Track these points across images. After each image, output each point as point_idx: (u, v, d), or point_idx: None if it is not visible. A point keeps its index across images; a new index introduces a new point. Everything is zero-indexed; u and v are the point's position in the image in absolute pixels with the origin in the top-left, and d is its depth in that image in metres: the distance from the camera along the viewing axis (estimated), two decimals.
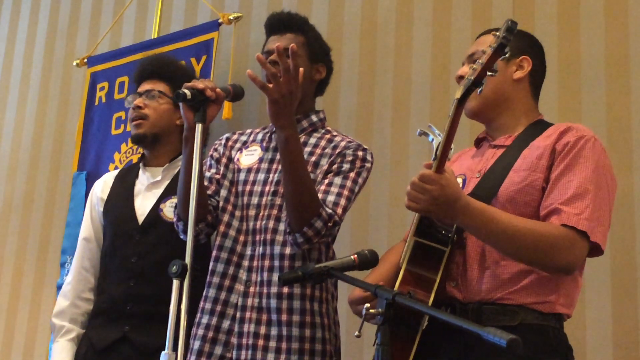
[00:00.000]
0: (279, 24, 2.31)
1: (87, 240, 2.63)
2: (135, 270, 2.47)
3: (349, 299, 2.09)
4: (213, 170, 2.29)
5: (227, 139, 2.38)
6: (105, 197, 2.65)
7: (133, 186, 2.61)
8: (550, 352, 1.83)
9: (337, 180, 2.15)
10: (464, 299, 1.89)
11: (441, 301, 1.89)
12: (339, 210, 2.09)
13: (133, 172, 2.67)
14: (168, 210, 2.51)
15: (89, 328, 2.53)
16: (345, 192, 2.13)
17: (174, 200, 2.50)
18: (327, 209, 2.07)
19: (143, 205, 2.55)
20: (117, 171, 2.76)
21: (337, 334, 2.21)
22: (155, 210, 2.53)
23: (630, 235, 2.59)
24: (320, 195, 2.09)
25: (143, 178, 2.63)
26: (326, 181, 2.15)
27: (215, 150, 2.36)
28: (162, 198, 2.54)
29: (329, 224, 2.06)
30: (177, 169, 2.56)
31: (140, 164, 2.66)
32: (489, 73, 1.73)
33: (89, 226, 2.65)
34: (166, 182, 2.58)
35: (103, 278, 2.56)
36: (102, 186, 2.69)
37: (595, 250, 1.86)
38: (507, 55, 1.73)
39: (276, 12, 2.34)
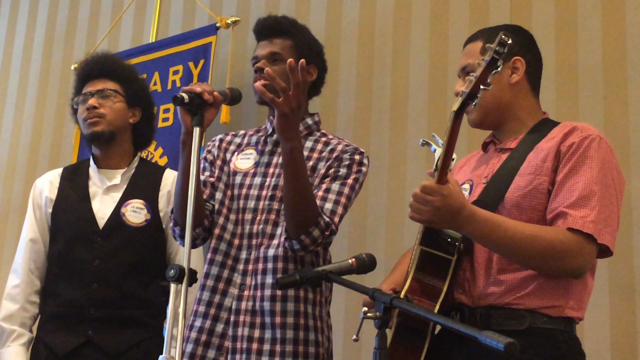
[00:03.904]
0: (265, 29, 2.30)
1: (34, 241, 2.54)
2: (98, 274, 2.42)
3: (363, 303, 2.07)
4: (207, 173, 2.28)
5: (221, 141, 2.37)
6: (54, 198, 2.56)
7: (87, 188, 2.55)
8: (560, 356, 1.81)
9: (335, 186, 2.15)
10: (472, 304, 1.88)
11: (450, 307, 1.88)
12: (336, 219, 2.11)
13: (82, 172, 2.60)
14: (130, 214, 2.49)
15: (43, 333, 2.45)
16: (343, 200, 2.14)
17: (134, 204, 2.49)
18: (325, 217, 2.08)
19: (102, 208, 2.50)
20: (59, 170, 2.67)
21: (330, 337, 2.21)
22: (117, 214, 2.48)
23: (628, 239, 2.60)
24: (317, 202, 2.09)
25: (97, 180, 2.56)
26: (324, 187, 2.15)
27: (209, 152, 2.34)
28: (122, 202, 2.51)
29: (326, 233, 2.07)
30: (133, 172, 2.57)
31: (92, 164, 2.59)
32: (482, 87, 1.71)
33: (35, 227, 2.56)
34: (124, 186, 2.54)
35: (55, 281, 2.49)
36: (49, 186, 2.59)
37: (605, 251, 1.84)
38: (499, 69, 1.71)
39: (263, 18, 2.33)
